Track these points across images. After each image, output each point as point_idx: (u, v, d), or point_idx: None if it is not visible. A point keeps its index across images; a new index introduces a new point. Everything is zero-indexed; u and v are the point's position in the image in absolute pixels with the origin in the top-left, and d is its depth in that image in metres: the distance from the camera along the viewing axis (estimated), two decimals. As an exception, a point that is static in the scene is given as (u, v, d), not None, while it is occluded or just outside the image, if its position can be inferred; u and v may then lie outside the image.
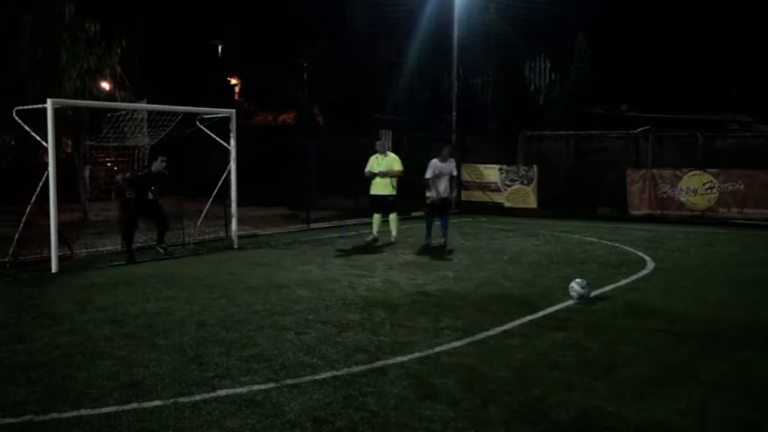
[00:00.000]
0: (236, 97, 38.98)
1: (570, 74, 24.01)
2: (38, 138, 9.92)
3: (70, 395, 4.58)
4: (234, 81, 40.20)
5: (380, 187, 12.33)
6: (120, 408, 4.35)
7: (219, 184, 12.41)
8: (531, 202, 18.48)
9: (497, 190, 18.93)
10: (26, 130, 9.99)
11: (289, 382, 4.83)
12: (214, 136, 12.36)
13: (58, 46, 14.25)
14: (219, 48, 40.25)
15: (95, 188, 15.17)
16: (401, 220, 13.35)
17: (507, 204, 18.78)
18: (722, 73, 29.74)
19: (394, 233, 12.44)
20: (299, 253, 11.30)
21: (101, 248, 11.45)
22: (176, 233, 11.95)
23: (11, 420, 4.18)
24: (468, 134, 21.25)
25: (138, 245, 11.61)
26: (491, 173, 19.00)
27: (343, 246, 12.17)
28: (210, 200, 12.51)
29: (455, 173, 12.59)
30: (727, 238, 13.39)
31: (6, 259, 9.81)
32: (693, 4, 27.56)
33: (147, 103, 13.84)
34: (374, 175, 12.28)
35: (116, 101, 15.12)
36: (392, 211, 12.41)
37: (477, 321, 6.53)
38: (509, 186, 18.78)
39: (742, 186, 15.67)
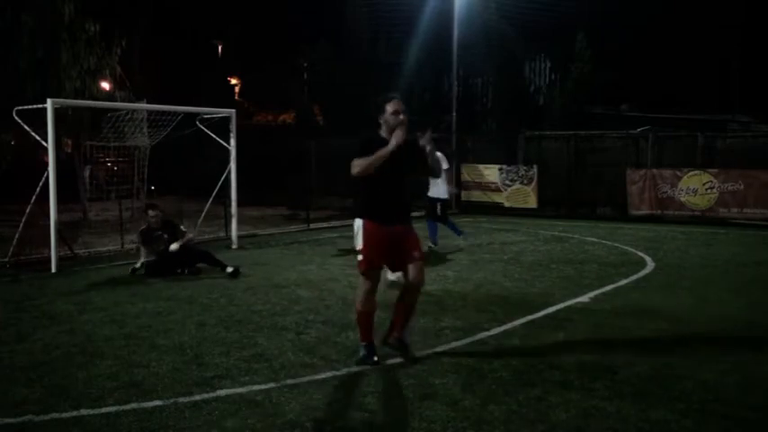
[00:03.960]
0: (236, 97, 39.01)
1: (570, 74, 24.01)
2: (38, 138, 9.92)
3: (70, 395, 4.58)
4: (234, 81, 40.22)
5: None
6: (120, 408, 4.35)
7: (219, 183, 12.41)
8: (531, 202, 18.47)
9: (497, 190, 18.91)
10: (26, 130, 10.00)
11: (289, 382, 4.83)
12: (214, 136, 12.36)
13: (58, 46, 14.27)
14: (219, 48, 40.28)
15: (95, 188, 15.17)
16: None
17: (507, 204, 18.76)
18: (722, 73, 29.74)
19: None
20: (299, 253, 11.30)
21: (101, 248, 11.46)
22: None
23: (11, 420, 4.18)
24: (469, 134, 21.24)
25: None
26: (491, 173, 18.98)
27: (343, 246, 12.16)
28: (211, 200, 12.51)
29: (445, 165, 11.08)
30: (727, 238, 13.38)
31: (6, 259, 9.81)
32: (693, 4, 27.55)
33: (147, 103, 13.86)
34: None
35: (116, 101, 15.13)
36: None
37: (477, 321, 6.53)
38: (509, 186, 18.77)
39: (742, 186, 15.65)
